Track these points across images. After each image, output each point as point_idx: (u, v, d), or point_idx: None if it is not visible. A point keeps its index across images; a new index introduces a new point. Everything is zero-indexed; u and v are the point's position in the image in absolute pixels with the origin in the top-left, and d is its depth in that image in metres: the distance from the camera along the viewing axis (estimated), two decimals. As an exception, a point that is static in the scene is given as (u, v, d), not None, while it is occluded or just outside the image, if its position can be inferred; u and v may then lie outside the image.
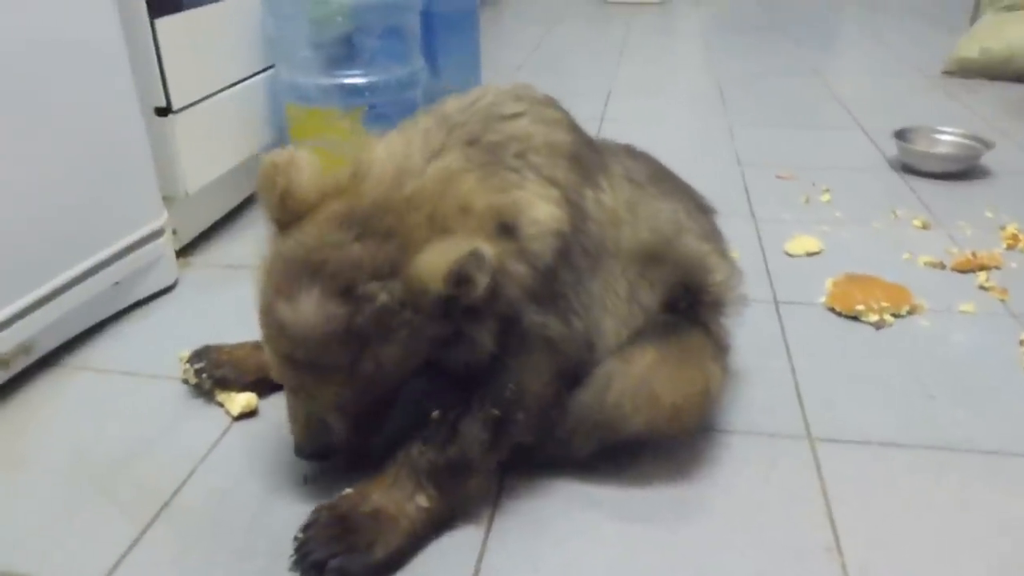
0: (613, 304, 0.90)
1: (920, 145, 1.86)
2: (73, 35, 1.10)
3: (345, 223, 0.78)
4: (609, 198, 0.90)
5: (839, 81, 2.70)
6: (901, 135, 1.88)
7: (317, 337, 0.76)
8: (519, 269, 0.80)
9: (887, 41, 3.29)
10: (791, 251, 1.46)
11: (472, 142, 0.84)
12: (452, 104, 0.89)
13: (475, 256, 0.73)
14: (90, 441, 1.00)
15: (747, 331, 1.05)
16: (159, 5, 1.30)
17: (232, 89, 1.53)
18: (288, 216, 0.82)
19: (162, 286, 1.33)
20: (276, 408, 1.04)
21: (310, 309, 0.76)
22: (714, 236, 1.02)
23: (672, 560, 0.82)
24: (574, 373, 0.88)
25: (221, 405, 1.05)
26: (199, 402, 1.07)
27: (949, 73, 2.71)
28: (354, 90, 1.57)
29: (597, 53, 3.17)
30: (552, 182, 0.84)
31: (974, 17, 3.01)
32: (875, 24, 3.68)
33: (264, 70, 1.63)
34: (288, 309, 0.77)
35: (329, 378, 0.80)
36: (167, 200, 1.34)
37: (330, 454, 0.89)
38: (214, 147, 1.48)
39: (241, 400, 1.04)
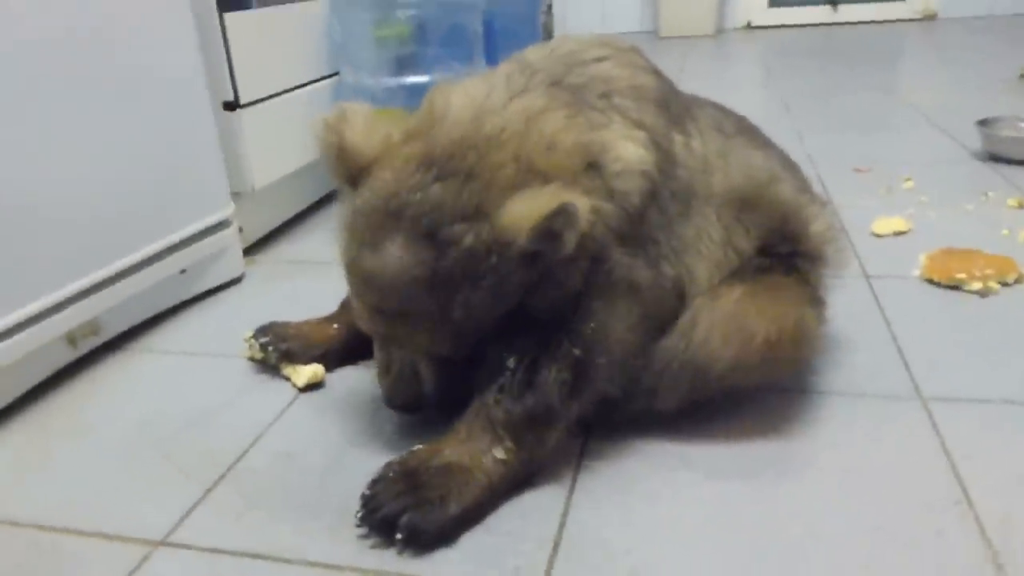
0: (708, 249, 0.84)
1: (1006, 132, 1.76)
2: (146, 24, 1.12)
3: (423, 165, 0.74)
4: (699, 144, 0.86)
5: (910, 92, 2.61)
6: (985, 124, 1.79)
7: (404, 285, 0.73)
8: (607, 208, 0.76)
9: (956, 58, 3.19)
10: (878, 231, 1.38)
11: (555, 83, 0.81)
12: (532, 52, 0.86)
13: (565, 212, 0.68)
14: (154, 413, 0.97)
15: (840, 303, 0.98)
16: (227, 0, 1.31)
17: (298, 91, 1.53)
18: (350, 171, 0.79)
19: (228, 278, 1.32)
20: (343, 381, 1.00)
21: (395, 256, 0.73)
22: (809, 189, 0.96)
23: (778, 515, 0.74)
24: (662, 322, 0.82)
25: (287, 379, 1.01)
26: (264, 376, 1.03)
27: (1027, 77, 2.59)
28: (417, 89, 1.56)
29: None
30: (639, 124, 0.80)
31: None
32: (941, 44, 3.58)
33: (330, 76, 1.64)
34: (373, 259, 0.74)
35: (420, 325, 0.76)
36: (235, 196, 1.34)
37: (421, 404, 0.85)
38: (280, 146, 1.48)
39: (307, 371, 0.99)
